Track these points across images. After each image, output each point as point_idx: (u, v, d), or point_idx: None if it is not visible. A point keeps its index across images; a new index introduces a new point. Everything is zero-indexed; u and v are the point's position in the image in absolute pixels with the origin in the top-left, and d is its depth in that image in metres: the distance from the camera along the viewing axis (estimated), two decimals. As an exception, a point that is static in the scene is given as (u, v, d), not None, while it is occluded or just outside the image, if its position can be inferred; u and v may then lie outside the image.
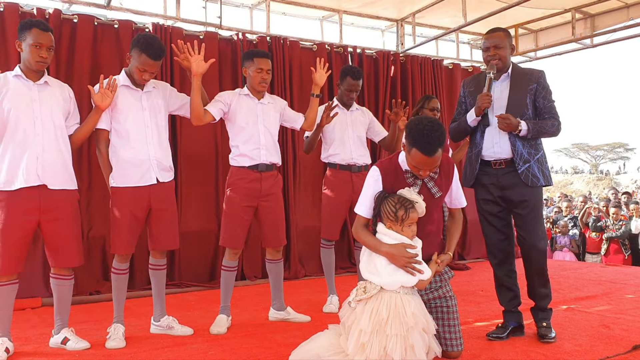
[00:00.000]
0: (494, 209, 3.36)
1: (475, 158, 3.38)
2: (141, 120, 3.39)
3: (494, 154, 3.31)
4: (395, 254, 2.59)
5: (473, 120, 3.37)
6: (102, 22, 5.18)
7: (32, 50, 3.08)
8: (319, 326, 3.30)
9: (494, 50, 3.31)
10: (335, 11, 6.53)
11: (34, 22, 3.11)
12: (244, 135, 3.67)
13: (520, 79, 3.33)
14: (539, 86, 3.30)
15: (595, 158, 55.69)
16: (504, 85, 3.35)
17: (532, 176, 3.24)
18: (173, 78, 5.30)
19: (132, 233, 3.39)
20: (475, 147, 3.40)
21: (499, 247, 3.40)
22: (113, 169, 3.38)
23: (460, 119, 3.51)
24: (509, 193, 3.29)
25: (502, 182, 3.30)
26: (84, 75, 4.96)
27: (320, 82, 3.91)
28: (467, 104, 3.49)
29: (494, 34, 3.36)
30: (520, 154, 3.25)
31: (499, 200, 3.33)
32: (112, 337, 3.30)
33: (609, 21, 6.78)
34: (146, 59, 3.28)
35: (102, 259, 5.04)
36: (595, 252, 7.88)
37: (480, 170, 3.37)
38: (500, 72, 3.36)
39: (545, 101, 3.30)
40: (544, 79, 3.33)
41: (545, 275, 3.33)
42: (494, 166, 3.32)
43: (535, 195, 3.28)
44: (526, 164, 3.24)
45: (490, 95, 3.28)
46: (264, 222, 3.77)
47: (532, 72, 3.37)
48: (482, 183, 3.38)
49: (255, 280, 5.56)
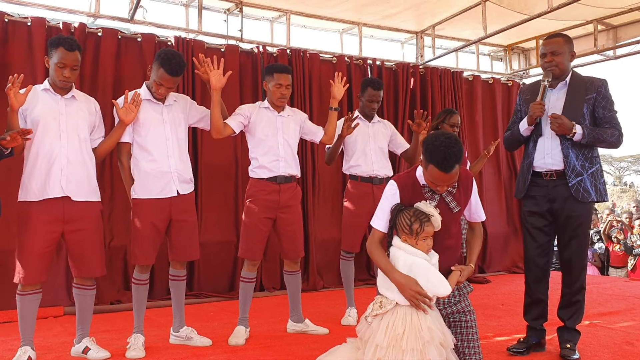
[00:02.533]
0: (539, 223, 3.26)
1: (527, 169, 3.29)
2: (162, 133, 3.44)
3: (544, 164, 3.21)
4: (404, 285, 2.57)
5: (525, 129, 3.28)
6: (125, 36, 5.28)
7: (56, 69, 3.14)
8: (337, 339, 3.29)
9: (550, 57, 3.19)
10: (355, 24, 6.56)
11: (62, 40, 3.15)
12: (263, 147, 3.70)
13: (579, 88, 3.19)
14: (598, 95, 3.16)
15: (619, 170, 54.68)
16: (560, 93, 3.23)
17: (583, 190, 3.12)
18: (195, 90, 5.38)
19: (153, 244, 3.43)
20: (527, 158, 3.31)
21: (537, 263, 3.30)
22: (135, 181, 3.42)
23: (514, 128, 3.42)
24: (557, 206, 3.19)
25: (552, 194, 3.19)
26: (107, 88, 5.05)
27: (339, 95, 3.92)
28: (522, 112, 3.39)
29: (552, 40, 3.24)
30: (573, 166, 3.13)
31: (546, 214, 3.24)
32: (132, 347, 3.33)
33: (633, 32, 6.71)
34: (163, 74, 3.33)
35: (123, 269, 5.10)
36: (620, 266, 7.72)
37: (531, 182, 3.27)
38: (558, 80, 3.23)
39: (606, 111, 3.15)
40: (605, 88, 3.19)
41: (583, 294, 3.24)
42: (545, 177, 3.22)
43: (584, 211, 3.16)
44: (578, 177, 3.12)
45: (544, 104, 3.17)
46: (282, 234, 3.78)
47: (592, 80, 3.22)
48: (532, 195, 3.28)
49: (274, 292, 5.57)
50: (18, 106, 3.00)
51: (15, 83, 2.95)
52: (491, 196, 7.04)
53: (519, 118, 3.41)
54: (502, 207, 7.17)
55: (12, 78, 2.95)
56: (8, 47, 4.76)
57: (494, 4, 5.97)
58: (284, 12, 6.07)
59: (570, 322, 3.24)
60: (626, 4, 6.13)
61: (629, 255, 7.53)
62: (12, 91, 2.95)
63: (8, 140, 2.88)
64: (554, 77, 3.22)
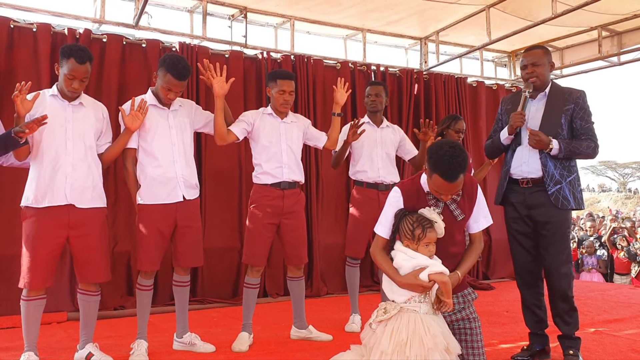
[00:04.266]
0: (523, 229, 3.31)
1: (504, 176, 3.36)
2: (168, 138, 3.45)
3: (521, 172, 3.27)
4: (410, 284, 2.56)
5: (506, 138, 3.34)
6: (130, 42, 5.30)
7: (65, 79, 3.15)
8: (341, 345, 3.28)
9: (531, 68, 3.26)
10: (359, 30, 6.57)
11: (73, 51, 3.13)
12: (266, 153, 3.71)
13: (558, 99, 3.25)
14: (576, 107, 3.21)
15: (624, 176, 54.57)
16: (540, 104, 3.29)
17: (562, 198, 3.17)
18: (199, 96, 5.39)
19: (158, 250, 3.43)
20: (506, 165, 3.37)
21: (526, 268, 3.34)
22: (141, 186, 3.43)
23: (494, 137, 3.48)
24: (535, 213, 3.24)
25: (529, 201, 3.25)
26: (112, 93, 5.06)
27: (341, 101, 3.92)
28: (503, 122, 3.44)
29: (532, 52, 3.31)
30: (552, 175, 3.18)
31: (526, 220, 3.29)
32: (135, 352, 3.33)
33: (637, 39, 6.71)
34: (171, 79, 3.34)
35: (127, 274, 5.10)
36: (624, 273, 7.69)
37: (508, 188, 3.34)
38: (538, 91, 3.29)
39: (583, 122, 3.21)
40: (583, 99, 3.24)
41: (570, 302, 3.22)
42: (522, 184, 3.28)
43: (562, 217, 3.21)
44: (557, 185, 3.18)
45: (524, 114, 3.23)
46: (286, 240, 3.78)
47: (570, 91, 3.28)
48: (510, 201, 3.35)
49: (277, 298, 5.56)
50: (24, 113, 3.01)
51: (23, 90, 2.96)
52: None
53: (500, 127, 3.47)
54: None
55: (20, 85, 2.96)
56: (14, 53, 4.77)
57: (498, 10, 5.98)
58: (288, 18, 6.09)
59: (567, 329, 3.23)
60: (630, 10, 6.13)
61: (632, 262, 7.50)
62: (19, 98, 2.96)
63: (25, 131, 2.90)
64: (534, 88, 3.28)
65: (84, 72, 3.15)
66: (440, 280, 2.54)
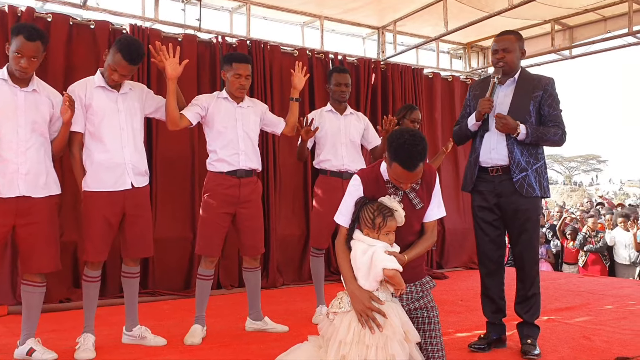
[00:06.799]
0: (489, 217, 3.29)
1: (474, 163, 3.33)
2: (116, 122, 3.29)
3: (490, 160, 3.24)
4: (358, 297, 2.51)
5: (473, 124, 3.31)
6: (77, 22, 5.05)
7: (14, 57, 2.96)
8: (298, 336, 3.22)
9: (502, 54, 3.22)
10: (316, 17, 6.47)
11: (23, 28, 2.96)
12: (222, 140, 3.58)
13: (526, 85, 3.23)
14: (545, 94, 3.20)
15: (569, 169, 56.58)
16: (508, 90, 3.26)
17: (527, 186, 3.16)
18: (150, 81, 5.18)
19: (105, 240, 3.27)
20: (474, 152, 3.34)
21: (490, 257, 3.33)
22: (87, 172, 3.26)
23: (462, 123, 3.44)
24: (503, 201, 3.22)
25: (498, 189, 3.23)
26: (57, 76, 4.80)
27: (299, 85, 3.83)
28: (471, 108, 3.41)
29: (504, 37, 3.26)
30: (517, 162, 3.16)
31: (494, 208, 3.27)
32: (81, 347, 3.16)
33: (587, 33, 6.86)
34: (120, 59, 3.17)
35: (73, 265, 4.88)
36: (573, 263, 7.91)
37: (478, 177, 3.31)
38: (507, 77, 3.26)
39: (551, 109, 3.20)
40: (552, 86, 3.23)
41: (537, 288, 3.26)
42: (491, 173, 3.25)
43: (531, 205, 3.20)
44: (522, 173, 3.16)
45: (492, 100, 3.21)
46: (241, 230, 3.67)
47: (539, 78, 3.26)
48: (479, 190, 3.32)
49: (232, 289, 5.43)
50: None
51: None
52: (449, 192, 7.05)
53: (467, 113, 3.44)
54: (459, 203, 7.20)
55: None
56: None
57: (456, 0, 5.99)
58: (243, 2, 5.93)
59: (528, 316, 3.25)
60: (582, 5, 6.26)
61: (580, 251, 7.72)
62: None
63: None
64: (503, 74, 3.25)
65: (33, 50, 2.96)
66: (389, 275, 2.48)
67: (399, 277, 2.49)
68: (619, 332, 3.66)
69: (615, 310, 4.41)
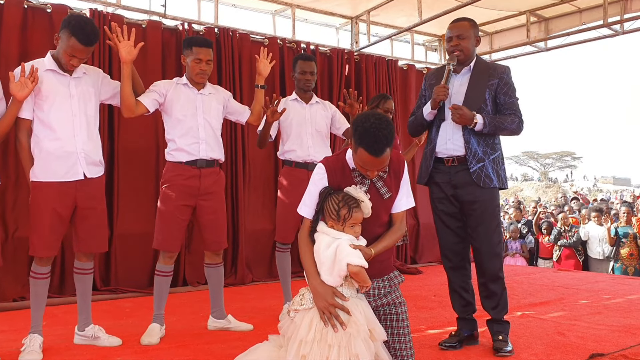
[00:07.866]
0: (449, 209, 3.18)
1: (430, 154, 3.20)
2: (68, 108, 3.07)
3: (446, 150, 3.13)
4: (320, 294, 2.35)
5: (429, 113, 3.19)
6: (32, 6, 4.79)
7: None
8: (262, 335, 3.03)
9: (456, 41, 3.11)
10: (288, 5, 6.30)
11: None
12: (181, 128, 3.38)
13: (482, 73, 3.13)
14: (500, 82, 3.10)
15: (545, 166, 57.38)
16: (464, 79, 3.15)
17: (484, 176, 3.05)
18: (112, 64, 4.90)
19: (55, 233, 3.05)
20: (430, 143, 3.22)
21: (453, 250, 3.21)
22: (35, 161, 3.03)
23: (417, 113, 3.31)
24: (461, 192, 3.11)
25: (454, 180, 3.12)
26: (11, 62, 4.54)
27: (264, 72, 3.66)
28: (427, 97, 3.27)
29: (458, 24, 3.15)
30: (474, 152, 3.06)
31: (452, 200, 3.15)
32: (27, 349, 2.95)
33: (563, 25, 6.81)
34: (75, 44, 2.96)
35: (29, 262, 4.61)
36: (548, 258, 7.87)
37: (434, 168, 3.19)
38: (462, 65, 3.15)
39: (507, 97, 3.10)
40: (508, 74, 3.13)
41: (501, 283, 3.14)
42: (447, 163, 3.13)
43: (488, 196, 3.09)
44: (480, 163, 3.06)
45: (447, 88, 3.09)
46: (202, 223, 3.48)
47: (495, 67, 3.18)
48: (435, 181, 3.20)
49: (198, 286, 5.21)
50: None
51: None
52: (422, 186, 6.94)
53: (423, 103, 3.32)
54: (434, 197, 7.08)
55: None
56: None
57: (430, -10, 5.87)
58: (212, -12, 5.73)
59: (495, 313, 3.14)
60: (557, -4, 6.19)
61: (555, 246, 7.69)
62: None
63: None
64: (459, 62, 3.14)
65: None
66: (353, 272, 2.32)
67: (363, 274, 2.34)
68: (594, 328, 3.57)
69: (589, 305, 4.33)
